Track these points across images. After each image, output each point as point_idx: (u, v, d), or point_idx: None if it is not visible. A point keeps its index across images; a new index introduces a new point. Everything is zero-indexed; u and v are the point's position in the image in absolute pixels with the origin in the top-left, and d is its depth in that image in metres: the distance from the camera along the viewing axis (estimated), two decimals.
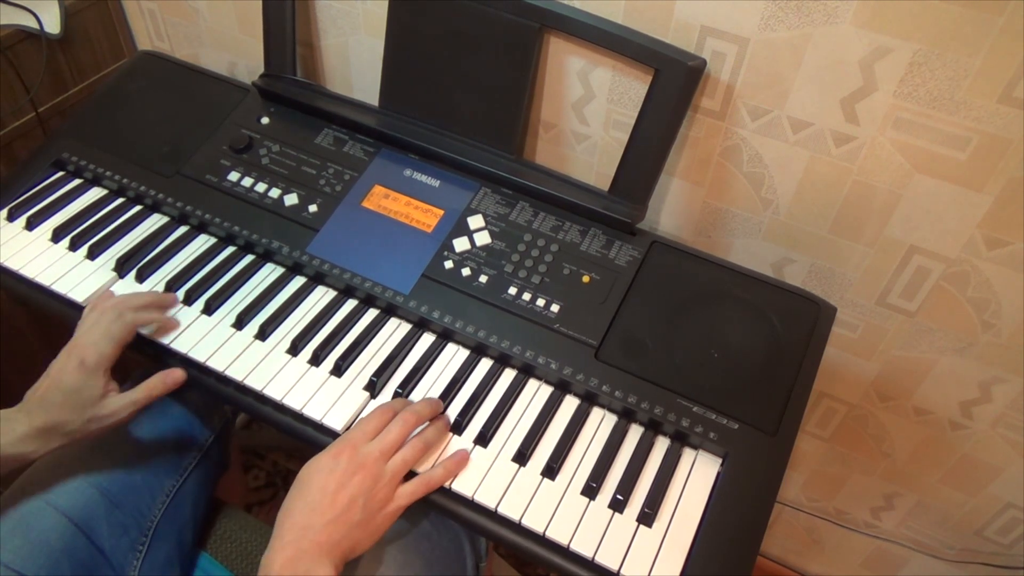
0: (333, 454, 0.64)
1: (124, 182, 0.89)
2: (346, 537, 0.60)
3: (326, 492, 0.61)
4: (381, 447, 0.64)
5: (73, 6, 1.06)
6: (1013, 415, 0.87)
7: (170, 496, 0.80)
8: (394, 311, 0.79)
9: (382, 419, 0.67)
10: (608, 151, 0.90)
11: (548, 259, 0.79)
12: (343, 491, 0.61)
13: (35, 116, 1.06)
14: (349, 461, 0.63)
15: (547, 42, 0.84)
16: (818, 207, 0.82)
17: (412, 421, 0.67)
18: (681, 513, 0.66)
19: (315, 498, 0.61)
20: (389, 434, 0.66)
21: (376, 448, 0.64)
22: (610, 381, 0.72)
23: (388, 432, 0.66)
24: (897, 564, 1.14)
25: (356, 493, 0.62)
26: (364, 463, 0.63)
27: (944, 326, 0.84)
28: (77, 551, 0.71)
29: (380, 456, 0.64)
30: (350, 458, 0.63)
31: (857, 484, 1.08)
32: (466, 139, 0.88)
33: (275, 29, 0.94)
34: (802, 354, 0.73)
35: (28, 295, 0.81)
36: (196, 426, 0.86)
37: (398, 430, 0.66)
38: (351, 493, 0.61)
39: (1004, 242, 0.75)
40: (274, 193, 0.86)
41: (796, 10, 0.70)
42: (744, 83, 0.77)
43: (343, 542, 0.60)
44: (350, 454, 0.63)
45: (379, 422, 0.67)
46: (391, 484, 0.64)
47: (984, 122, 0.68)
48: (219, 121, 0.92)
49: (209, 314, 0.78)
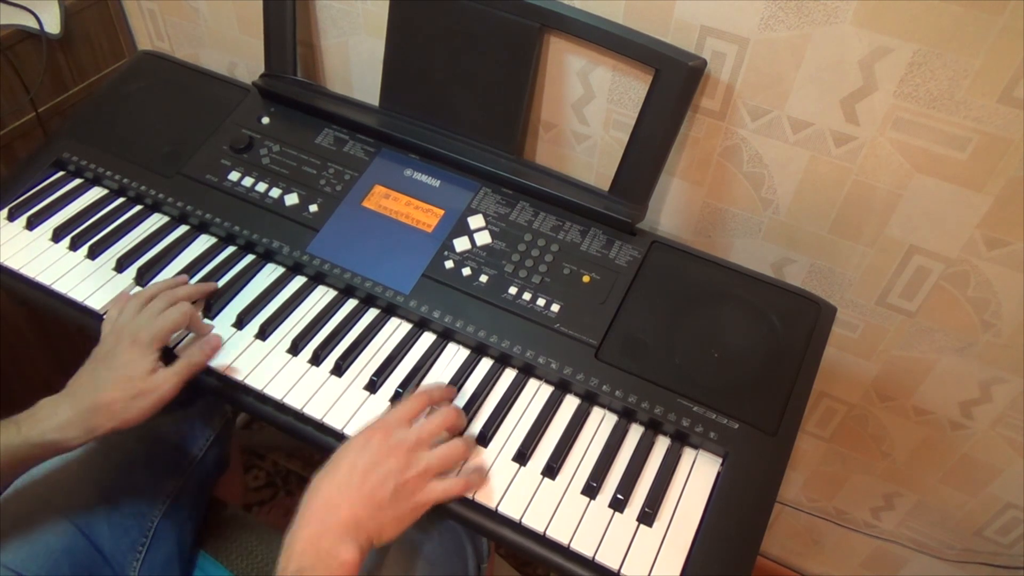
0: (366, 435, 0.63)
1: (124, 182, 0.89)
2: (372, 519, 0.59)
3: (355, 470, 0.60)
4: (419, 434, 0.63)
5: (73, 6, 1.06)
6: (1013, 415, 0.87)
7: (170, 496, 0.80)
8: (394, 311, 0.79)
9: (417, 404, 0.66)
10: (608, 151, 0.90)
11: (548, 259, 0.79)
12: (373, 471, 0.60)
13: (35, 116, 1.06)
14: (381, 443, 0.62)
15: (547, 42, 0.84)
16: (818, 207, 0.82)
17: (454, 418, 0.66)
18: (681, 513, 0.66)
19: (343, 476, 0.60)
20: (430, 424, 0.64)
21: (413, 435, 0.63)
22: (610, 381, 0.72)
23: (430, 421, 0.64)
24: (897, 564, 1.14)
25: (386, 475, 0.60)
26: (398, 447, 0.62)
27: (944, 326, 0.85)
28: (77, 552, 0.71)
29: (417, 443, 0.63)
30: (383, 439, 0.62)
31: (857, 484, 1.08)
32: (466, 139, 0.88)
33: (275, 29, 0.94)
34: (802, 354, 0.73)
35: (28, 295, 0.81)
36: (197, 426, 0.86)
37: (440, 421, 0.65)
38: (381, 474, 0.60)
39: (1004, 242, 0.75)
40: (274, 193, 0.86)
41: (796, 10, 0.70)
42: (744, 83, 0.77)
43: (368, 523, 0.58)
44: (382, 436, 0.62)
45: (414, 407, 0.65)
46: (424, 475, 0.62)
47: (984, 122, 0.68)
48: (219, 121, 0.92)
49: (209, 314, 0.78)
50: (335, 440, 0.70)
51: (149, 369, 0.68)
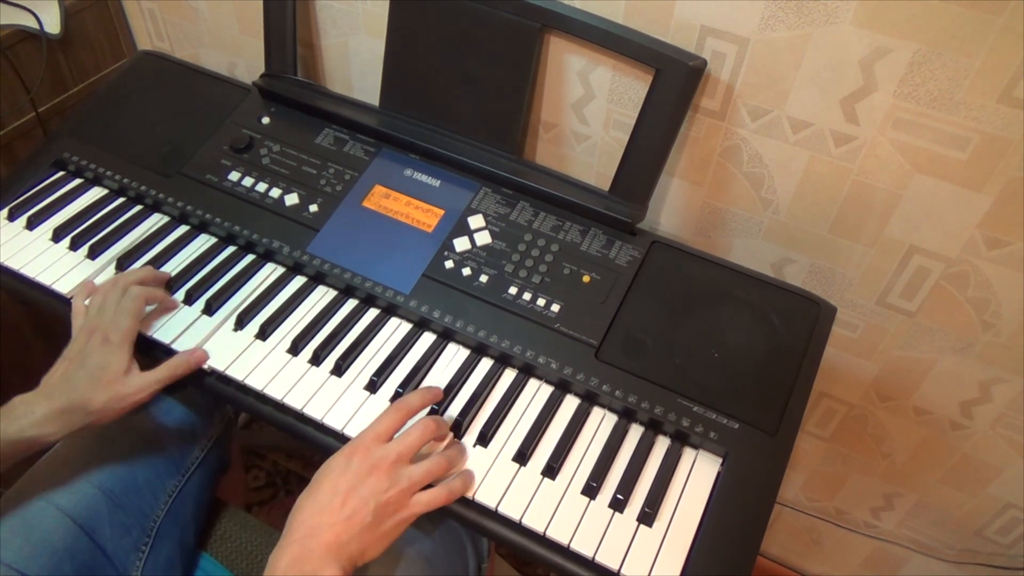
0: (346, 454, 0.62)
1: (124, 182, 0.89)
2: (355, 540, 0.59)
3: (336, 492, 0.60)
4: (399, 450, 0.62)
5: (73, 6, 1.06)
6: (1013, 415, 0.87)
7: (172, 496, 0.80)
8: (394, 311, 0.79)
9: (395, 419, 0.65)
10: (608, 151, 0.90)
11: (548, 259, 0.79)
12: (354, 492, 0.60)
13: (35, 116, 1.06)
14: (361, 462, 0.61)
15: (547, 42, 0.84)
16: (818, 207, 0.82)
17: (433, 428, 0.65)
18: (681, 513, 0.66)
19: (325, 498, 0.60)
20: (408, 437, 0.63)
21: (393, 451, 0.62)
22: (610, 381, 0.72)
23: (408, 435, 0.64)
24: (897, 564, 1.14)
25: (368, 495, 0.60)
26: (378, 465, 0.61)
27: (944, 326, 0.85)
28: (80, 551, 0.71)
29: (397, 459, 0.62)
30: (362, 459, 0.61)
31: (857, 484, 1.08)
32: (466, 139, 0.88)
33: (275, 29, 0.94)
34: (802, 354, 0.73)
35: (28, 295, 0.81)
36: (198, 426, 0.86)
37: (418, 434, 0.64)
38: (362, 495, 0.60)
39: (1004, 242, 0.75)
40: (275, 193, 0.86)
41: (796, 10, 0.70)
42: (744, 83, 0.77)
43: (351, 544, 0.59)
44: (363, 455, 0.62)
45: (392, 422, 0.64)
46: (407, 491, 0.62)
47: (984, 122, 0.68)
48: (219, 121, 0.93)
49: (210, 314, 0.78)
50: (335, 440, 0.70)
51: (123, 369, 0.68)
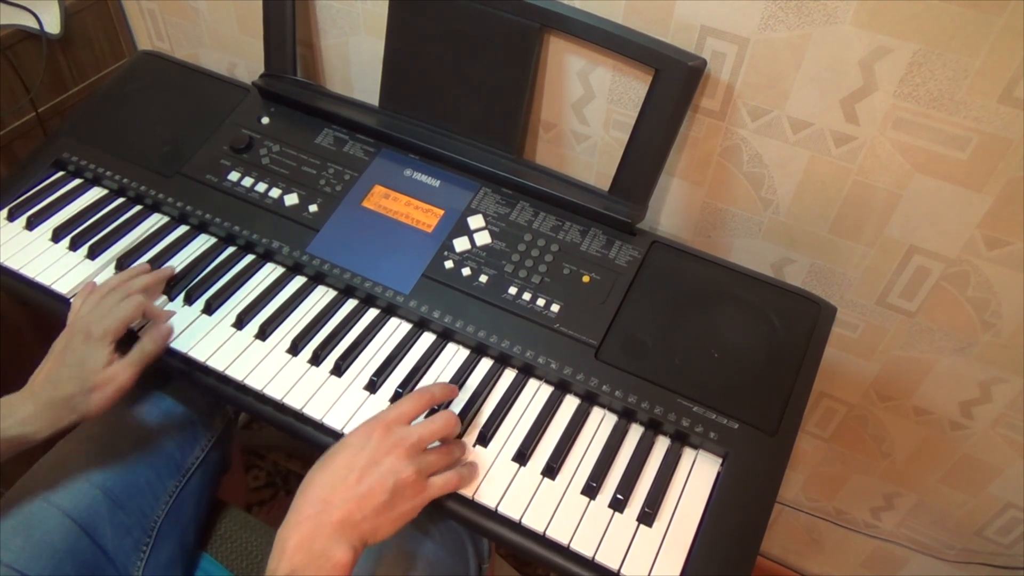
0: (366, 431, 0.61)
1: (124, 182, 0.89)
2: (367, 519, 0.57)
3: (352, 468, 0.58)
4: (422, 433, 0.61)
5: (73, 6, 1.06)
6: (1013, 415, 0.87)
7: (173, 496, 0.80)
8: (394, 311, 0.79)
9: (419, 404, 0.64)
10: (608, 151, 0.90)
11: (548, 259, 0.79)
12: (372, 470, 0.58)
13: (35, 116, 1.06)
14: (382, 440, 0.60)
15: (547, 42, 0.84)
16: (818, 207, 0.82)
17: (454, 423, 0.65)
18: (681, 513, 0.66)
19: (340, 474, 0.58)
20: (433, 424, 0.63)
21: (415, 434, 0.61)
22: (610, 381, 0.72)
23: (432, 422, 0.63)
24: (897, 564, 1.14)
25: (386, 473, 0.58)
26: (400, 444, 0.60)
27: (944, 326, 0.85)
28: (80, 552, 0.71)
29: (419, 442, 0.61)
30: (383, 437, 0.60)
31: (857, 484, 1.08)
32: (466, 139, 0.88)
33: (275, 29, 0.94)
34: (802, 354, 0.73)
35: (28, 295, 0.81)
36: (198, 426, 0.86)
37: (442, 424, 0.63)
38: (381, 473, 0.58)
39: (1004, 242, 0.75)
40: (274, 193, 0.86)
41: (796, 10, 0.70)
42: (744, 83, 0.77)
43: (363, 524, 0.57)
44: (383, 433, 0.60)
45: (415, 407, 0.64)
46: (424, 473, 0.61)
47: (984, 122, 0.68)
48: (219, 121, 0.92)
49: (209, 314, 0.78)
50: (335, 440, 0.70)
51: (104, 363, 0.68)
